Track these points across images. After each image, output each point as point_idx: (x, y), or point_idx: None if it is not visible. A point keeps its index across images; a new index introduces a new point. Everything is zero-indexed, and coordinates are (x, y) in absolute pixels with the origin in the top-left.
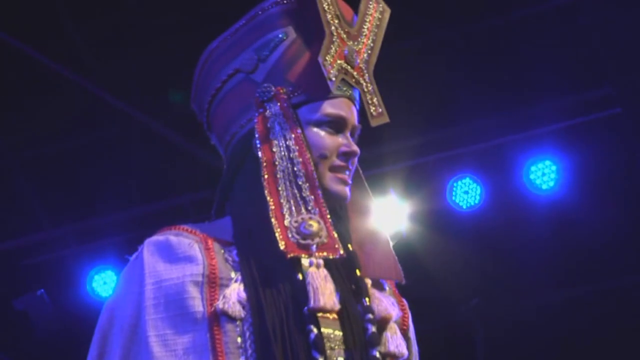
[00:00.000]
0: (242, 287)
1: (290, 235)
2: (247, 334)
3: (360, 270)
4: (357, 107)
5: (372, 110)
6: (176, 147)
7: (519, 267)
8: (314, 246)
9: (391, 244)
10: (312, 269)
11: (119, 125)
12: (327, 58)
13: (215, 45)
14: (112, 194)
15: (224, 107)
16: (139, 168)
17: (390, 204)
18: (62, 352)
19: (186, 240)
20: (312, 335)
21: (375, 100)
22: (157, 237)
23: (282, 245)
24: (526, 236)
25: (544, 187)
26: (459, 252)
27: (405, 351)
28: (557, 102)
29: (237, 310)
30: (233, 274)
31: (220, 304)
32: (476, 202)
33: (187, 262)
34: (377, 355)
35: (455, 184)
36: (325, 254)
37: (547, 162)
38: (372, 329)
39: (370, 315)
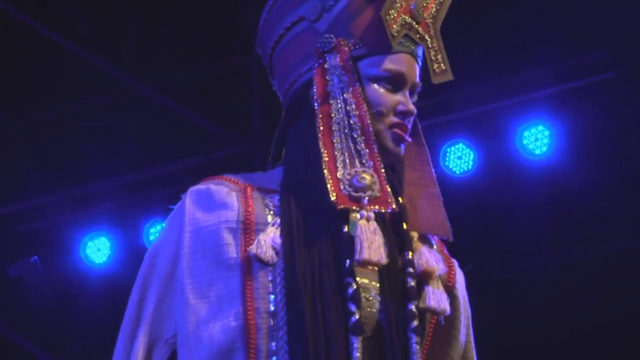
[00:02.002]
0: (278, 232)
1: (342, 187)
2: (278, 279)
3: (407, 224)
4: (420, 63)
5: (434, 67)
6: (170, 113)
7: (513, 232)
8: (366, 199)
9: (442, 199)
10: (362, 222)
11: (112, 91)
12: (390, 12)
13: None
14: (106, 161)
15: (285, 54)
16: (133, 134)
17: None
18: (55, 318)
19: (225, 188)
20: (351, 290)
21: (439, 57)
22: (199, 186)
23: (333, 197)
24: (519, 201)
25: (537, 152)
26: (453, 217)
27: (446, 307)
28: (550, 67)
29: (269, 255)
30: (270, 219)
31: (253, 249)
32: (469, 167)
33: (223, 209)
34: (414, 309)
35: (448, 150)
36: (377, 207)
37: (540, 127)
38: (412, 282)
39: (410, 269)
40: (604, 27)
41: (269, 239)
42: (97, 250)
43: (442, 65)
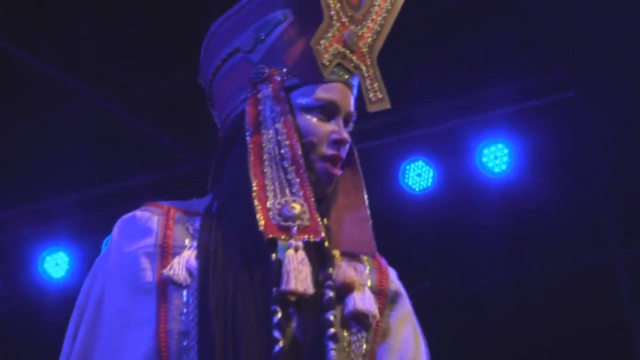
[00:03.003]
0: (194, 254)
1: (271, 217)
2: (191, 299)
3: (329, 242)
4: (356, 93)
5: (370, 96)
6: (129, 128)
7: (472, 249)
8: (295, 228)
9: (370, 223)
10: (290, 252)
11: (72, 105)
12: (321, 42)
13: (219, 23)
14: (65, 175)
15: (222, 86)
16: (92, 149)
17: None
18: (12, 332)
19: (148, 214)
20: (275, 318)
21: (376, 85)
22: (127, 215)
23: (261, 226)
24: (479, 219)
25: (496, 170)
26: (411, 234)
27: (373, 309)
28: (510, 85)
29: (182, 276)
30: (188, 242)
31: (166, 271)
32: (429, 184)
33: (143, 235)
34: (331, 317)
35: (407, 167)
36: (306, 236)
37: (500, 145)
38: (330, 293)
39: (329, 282)
40: (564, 46)
41: (183, 261)
42: (55, 265)
43: (378, 93)
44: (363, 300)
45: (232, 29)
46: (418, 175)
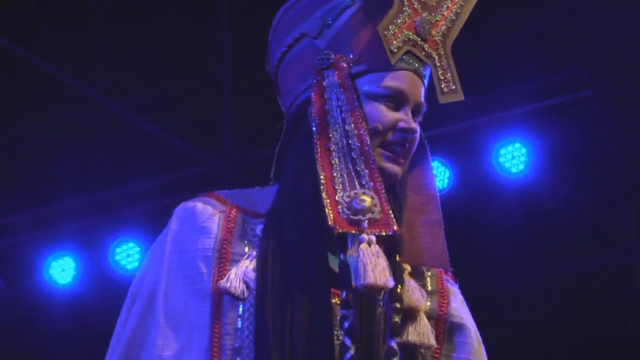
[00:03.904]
0: (252, 265)
1: (340, 211)
2: (247, 314)
3: (400, 256)
4: (426, 83)
5: (442, 86)
6: (139, 130)
7: (489, 252)
8: (366, 222)
9: (443, 226)
10: (364, 245)
11: (79, 107)
12: (390, 28)
13: (287, 6)
14: (72, 179)
15: (288, 72)
16: (100, 152)
17: None
18: (18, 339)
19: (210, 209)
20: (347, 324)
21: (449, 76)
22: (187, 203)
23: (330, 220)
24: (495, 220)
25: (514, 170)
26: None
27: (431, 341)
28: (527, 84)
29: (240, 289)
30: (247, 249)
31: (223, 282)
32: (445, 185)
33: (203, 234)
34: (394, 346)
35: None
36: (377, 230)
37: (517, 145)
38: (396, 317)
39: (397, 304)
40: (582, 44)
41: (240, 272)
42: (62, 270)
43: (451, 84)
44: (421, 329)
45: (300, 13)
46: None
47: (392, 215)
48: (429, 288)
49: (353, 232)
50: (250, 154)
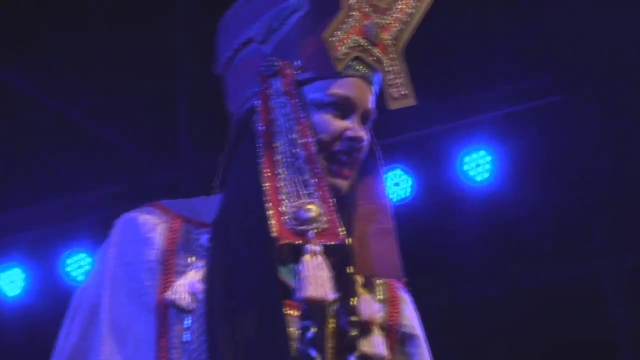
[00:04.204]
0: (199, 276)
1: (285, 221)
2: (196, 326)
3: (353, 268)
4: (377, 89)
5: (392, 92)
6: (92, 136)
7: (453, 263)
8: (312, 232)
9: (396, 236)
10: (307, 257)
11: (27, 113)
12: (336, 34)
13: (234, 10)
14: (20, 187)
15: (235, 77)
16: (53, 159)
17: None
18: None
19: (152, 220)
20: (310, 335)
21: (399, 81)
22: (129, 214)
23: (274, 232)
24: (460, 230)
25: (479, 178)
26: None
27: (383, 351)
28: (493, 90)
29: (186, 302)
30: (192, 260)
31: (169, 294)
32: (407, 194)
33: (146, 246)
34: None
35: (385, 176)
36: (324, 240)
37: (482, 153)
38: (353, 331)
39: (353, 318)
40: (550, 48)
41: (187, 284)
42: (11, 282)
43: (402, 89)
44: (375, 341)
45: (247, 17)
46: (396, 185)
47: (340, 225)
48: (380, 297)
49: (298, 243)
50: (206, 160)
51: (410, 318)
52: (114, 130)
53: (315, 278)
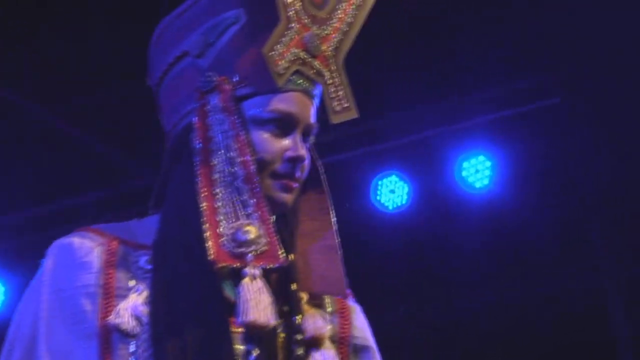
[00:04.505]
0: (141, 299)
1: (223, 243)
2: (140, 350)
3: (297, 284)
4: (317, 102)
5: (334, 105)
6: (72, 141)
7: (451, 273)
8: (250, 255)
9: (340, 252)
10: (246, 280)
11: (7, 117)
12: (275, 48)
13: (169, 20)
14: (3, 195)
15: (169, 93)
16: (31, 166)
17: None
18: None
19: (88, 243)
20: (252, 358)
21: (341, 93)
22: (63, 240)
23: (211, 255)
24: (458, 239)
25: (478, 184)
26: (384, 257)
27: None
28: (491, 91)
29: (130, 325)
30: (133, 283)
31: (112, 318)
32: (403, 202)
33: (83, 270)
34: None
35: (379, 182)
36: (263, 263)
37: (481, 158)
38: (299, 350)
39: (298, 336)
40: (550, 48)
41: (129, 307)
42: None
43: (343, 102)
44: (325, 356)
45: (182, 29)
46: (391, 192)
47: (279, 247)
48: (329, 309)
49: (236, 265)
50: None
51: (361, 328)
52: (97, 135)
53: (258, 302)
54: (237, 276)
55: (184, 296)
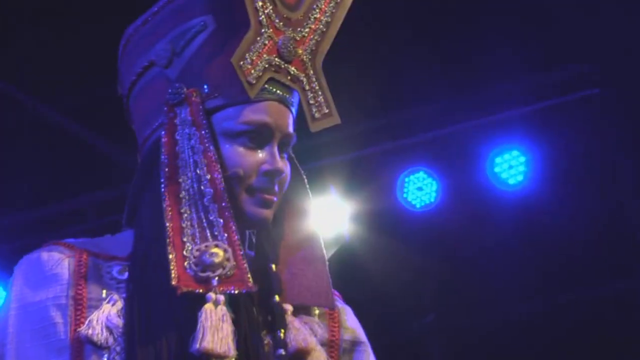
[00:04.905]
0: (114, 309)
1: (188, 266)
2: None
3: (280, 296)
4: (295, 109)
5: (314, 112)
6: (75, 139)
7: (482, 277)
8: (215, 279)
9: (327, 263)
10: (208, 306)
11: (6, 114)
12: (246, 56)
13: (133, 29)
14: (4, 195)
15: (138, 105)
16: (29, 164)
17: (330, 203)
18: None
19: (57, 255)
20: None
21: (320, 99)
22: (30, 255)
23: (174, 279)
24: (491, 240)
25: (511, 181)
26: (412, 259)
27: None
28: (526, 81)
29: (103, 337)
30: (105, 293)
31: (84, 329)
32: (431, 200)
33: (52, 282)
34: None
35: (406, 180)
36: (229, 288)
37: (515, 153)
38: None
39: (281, 351)
40: (589, 35)
41: (102, 318)
42: None
43: (323, 108)
44: None
45: (148, 37)
46: (419, 189)
47: (247, 270)
48: (317, 311)
49: (199, 291)
50: None
51: (353, 328)
52: (101, 133)
53: (217, 330)
54: (201, 301)
55: (160, 311)
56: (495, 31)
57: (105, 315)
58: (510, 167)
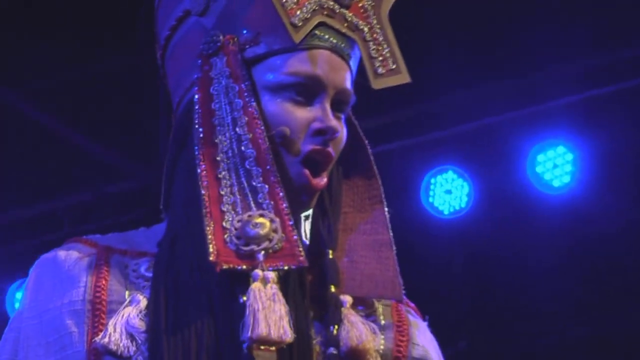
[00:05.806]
0: (136, 311)
1: (228, 240)
2: None
3: (337, 286)
4: (355, 65)
5: (377, 66)
6: (55, 138)
7: (523, 298)
8: (261, 253)
9: (394, 248)
10: (256, 285)
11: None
12: None
13: None
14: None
15: (173, 62)
16: (8, 164)
17: None
18: None
19: (75, 254)
20: None
21: (386, 52)
22: (47, 254)
23: (212, 254)
24: (532, 252)
25: (556, 183)
26: (440, 275)
27: None
28: (573, 67)
29: (122, 345)
30: (128, 294)
31: (99, 339)
32: (462, 205)
33: (68, 286)
34: None
35: (432, 181)
36: (278, 263)
37: (560, 149)
38: None
39: (333, 350)
40: None
41: (122, 323)
42: None
43: (389, 63)
44: None
45: None
46: (447, 193)
47: (298, 243)
48: (382, 322)
49: (242, 267)
50: None
51: (425, 348)
52: (82, 132)
53: (270, 311)
54: (245, 280)
55: (192, 309)
56: (539, 11)
57: (126, 319)
58: (555, 166)
